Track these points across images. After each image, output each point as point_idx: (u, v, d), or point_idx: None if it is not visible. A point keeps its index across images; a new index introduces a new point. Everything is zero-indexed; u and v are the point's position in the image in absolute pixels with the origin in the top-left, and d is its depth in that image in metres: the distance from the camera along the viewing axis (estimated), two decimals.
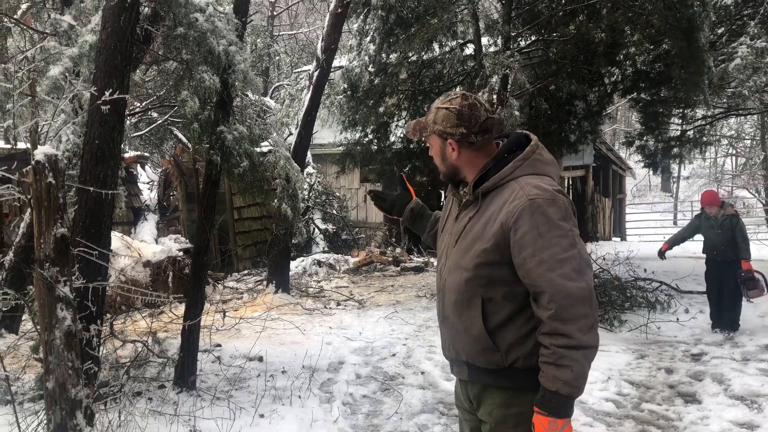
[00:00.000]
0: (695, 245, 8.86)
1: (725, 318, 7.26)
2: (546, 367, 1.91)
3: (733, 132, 30.60)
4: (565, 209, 1.98)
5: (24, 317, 6.10)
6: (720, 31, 10.53)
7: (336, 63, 11.28)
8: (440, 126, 2.16)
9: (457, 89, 2.23)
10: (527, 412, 1.98)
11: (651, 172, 15.43)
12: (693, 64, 7.71)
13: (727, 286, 7.18)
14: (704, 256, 7.59)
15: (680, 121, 13.26)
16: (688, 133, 13.15)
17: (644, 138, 12.94)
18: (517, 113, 7.74)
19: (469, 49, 10.06)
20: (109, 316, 5.98)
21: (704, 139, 13.53)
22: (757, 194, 30.77)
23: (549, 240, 1.92)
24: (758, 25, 9.74)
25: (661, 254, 7.85)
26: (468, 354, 2.12)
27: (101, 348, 4.51)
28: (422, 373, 5.94)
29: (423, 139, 2.26)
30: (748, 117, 24.64)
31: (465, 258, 2.08)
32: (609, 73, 10.12)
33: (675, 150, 13.20)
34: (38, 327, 3.08)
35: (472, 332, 2.07)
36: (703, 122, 13.45)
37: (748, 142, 31.67)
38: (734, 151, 34.67)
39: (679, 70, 8.29)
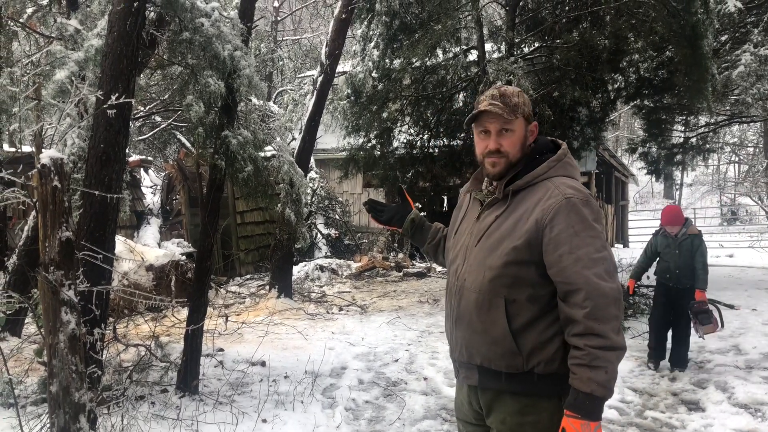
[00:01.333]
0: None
1: (673, 353, 6.28)
2: (579, 369, 1.88)
3: (736, 139, 30.66)
4: (597, 211, 2.00)
5: (27, 320, 6.10)
6: (723, 38, 10.56)
7: (340, 68, 11.30)
8: (528, 108, 2.14)
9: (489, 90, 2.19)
10: (543, 421, 1.97)
11: (654, 179, 15.49)
12: (697, 71, 7.71)
13: (678, 317, 6.21)
14: (666, 278, 6.36)
15: (683, 128, 13.30)
16: (691, 140, 13.19)
17: (647, 145, 12.98)
18: None
19: (473, 56, 10.09)
20: (112, 319, 5.99)
21: (707, 146, 13.57)
22: (760, 201, 30.74)
23: (584, 239, 1.93)
24: (762, 33, 9.77)
25: (629, 295, 6.70)
26: (484, 357, 2.08)
27: (104, 352, 4.52)
28: (425, 378, 5.93)
29: (507, 119, 2.08)
30: (751, 124, 24.64)
31: (491, 257, 2.05)
32: (612, 79, 10.15)
33: (678, 157, 13.24)
34: (42, 330, 3.08)
35: (493, 334, 2.04)
36: (707, 129, 13.48)
37: (751, 149, 31.71)
38: (737, 159, 34.72)
39: (683, 77, 8.30)
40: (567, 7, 9.87)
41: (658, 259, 6.41)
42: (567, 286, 1.93)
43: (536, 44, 10.11)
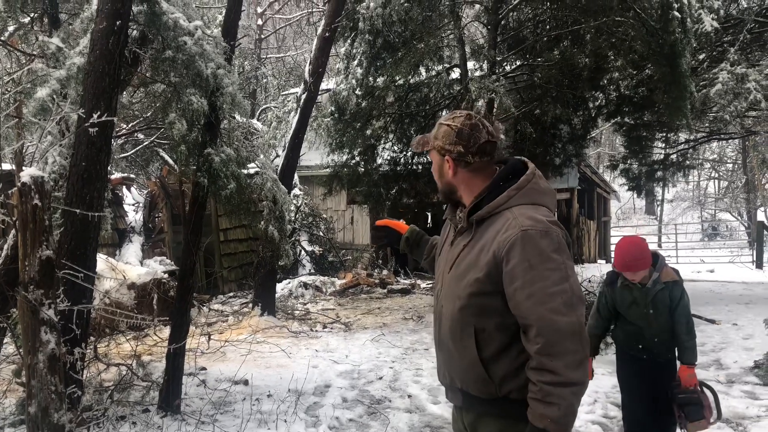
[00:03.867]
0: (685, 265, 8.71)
1: None
2: (534, 403, 1.87)
3: (715, 156, 31.14)
4: (558, 241, 1.94)
5: (6, 340, 6.00)
6: (701, 57, 10.74)
7: (323, 86, 11.35)
8: (440, 142, 2.14)
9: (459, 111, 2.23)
10: None
11: (635, 195, 15.65)
12: (675, 89, 7.84)
13: (660, 403, 3.96)
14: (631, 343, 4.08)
15: (663, 144, 13.50)
16: (672, 156, 13.38)
17: (628, 161, 13.13)
18: (502, 137, 7.82)
19: (456, 74, 10.18)
20: (93, 339, 5.91)
21: (687, 162, 13.77)
22: (739, 217, 31.19)
23: (540, 273, 1.89)
24: (738, 52, 9.96)
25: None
26: (462, 382, 2.10)
27: (85, 371, 4.46)
28: (409, 396, 5.91)
29: (426, 152, 2.27)
30: (730, 141, 25.09)
31: (458, 286, 2.06)
32: (593, 97, 10.29)
33: (659, 173, 13.40)
34: (21, 350, 3.04)
35: (465, 361, 2.04)
36: (686, 146, 13.69)
37: (730, 165, 32.19)
38: (717, 175, 35.21)
39: (662, 94, 8.43)
40: (548, 26, 10.01)
41: (619, 320, 4.13)
42: (522, 320, 1.92)
43: (518, 62, 10.23)
